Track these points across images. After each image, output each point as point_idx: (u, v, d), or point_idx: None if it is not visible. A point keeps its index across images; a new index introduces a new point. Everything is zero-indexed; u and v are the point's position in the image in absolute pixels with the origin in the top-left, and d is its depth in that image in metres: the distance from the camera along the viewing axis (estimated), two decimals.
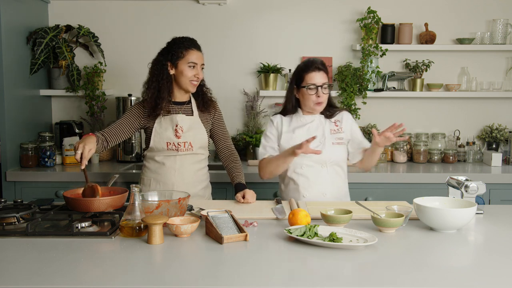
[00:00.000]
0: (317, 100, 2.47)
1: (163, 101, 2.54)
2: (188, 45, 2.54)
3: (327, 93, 2.50)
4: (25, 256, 1.65)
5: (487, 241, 1.92)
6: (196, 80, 2.55)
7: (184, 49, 2.52)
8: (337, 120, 2.58)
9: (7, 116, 3.27)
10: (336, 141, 2.53)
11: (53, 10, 3.83)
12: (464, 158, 3.77)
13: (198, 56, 2.54)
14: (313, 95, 2.47)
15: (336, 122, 2.57)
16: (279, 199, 2.42)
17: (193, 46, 2.55)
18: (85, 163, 2.20)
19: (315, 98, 2.47)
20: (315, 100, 2.48)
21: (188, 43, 2.54)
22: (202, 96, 2.65)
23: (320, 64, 2.51)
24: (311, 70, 2.48)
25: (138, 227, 1.85)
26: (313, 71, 2.48)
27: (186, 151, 2.57)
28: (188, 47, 2.53)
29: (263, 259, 1.65)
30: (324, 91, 2.48)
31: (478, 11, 3.83)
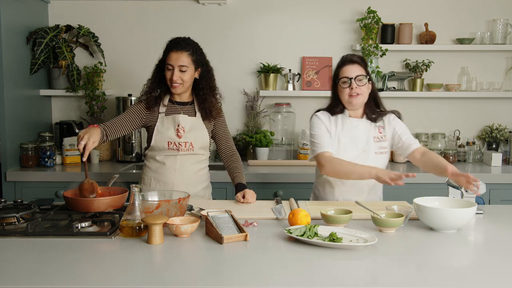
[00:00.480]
0: (350, 92, 2.36)
1: (162, 100, 2.54)
2: (169, 46, 2.52)
3: (363, 85, 2.38)
4: (25, 256, 1.65)
5: (487, 241, 1.92)
6: (174, 82, 2.49)
7: (166, 51, 2.52)
8: (381, 126, 2.48)
9: (7, 116, 3.27)
10: (379, 151, 2.44)
11: (53, 10, 3.83)
12: (464, 158, 3.77)
13: (176, 58, 2.47)
14: (346, 88, 2.38)
15: (380, 128, 2.47)
16: (279, 199, 2.42)
17: (173, 48, 2.49)
18: (87, 155, 2.19)
19: (348, 90, 2.37)
20: (348, 93, 2.37)
21: (170, 45, 2.52)
22: (203, 103, 2.60)
23: (355, 57, 2.43)
24: (344, 64, 2.41)
25: (138, 227, 1.85)
26: (346, 64, 2.41)
27: (186, 151, 2.57)
28: (168, 48, 2.51)
29: (263, 259, 1.65)
30: (358, 83, 2.36)
31: (478, 11, 3.83)
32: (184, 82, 2.50)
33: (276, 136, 3.82)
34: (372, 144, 2.44)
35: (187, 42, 2.53)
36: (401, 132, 2.48)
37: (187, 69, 2.49)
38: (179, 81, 2.49)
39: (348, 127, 2.44)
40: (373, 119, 2.47)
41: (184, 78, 2.50)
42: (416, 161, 2.45)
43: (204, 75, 2.59)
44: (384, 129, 2.48)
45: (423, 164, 2.42)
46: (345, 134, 2.43)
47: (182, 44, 2.50)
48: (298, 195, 3.17)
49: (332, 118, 2.47)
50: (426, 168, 2.40)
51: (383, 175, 2.22)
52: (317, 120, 2.47)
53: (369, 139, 2.44)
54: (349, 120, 2.45)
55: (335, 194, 2.50)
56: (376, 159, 2.43)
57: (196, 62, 2.53)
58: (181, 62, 2.48)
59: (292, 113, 3.84)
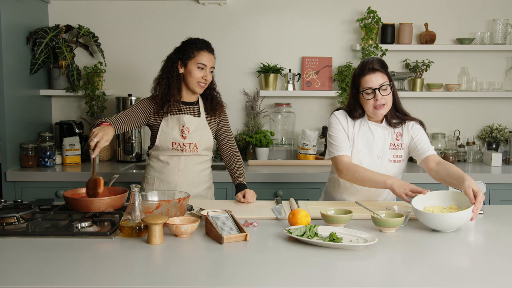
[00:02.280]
0: (375, 103, 2.28)
1: (172, 99, 2.52)
2: (200, 46, 2.53)
3: (388, 94, 2.29)
4: (25, 256, 1.65)
5: (487, 241, 1.92)
6: (204, 82, 2.54)
7: (195, 50, 2.52)
8: (399, 133, 2.39)
9: (7, 116, 3.27)
10: (393, 158, 2.37)
11: (53, 10, 3.83)
12: (464, 158, 3.77)
13: (209, 59, 2.53)
14: (370, 99, 2.28)
15: (398, 136, 2.38)
16: (279, 199, 2.42)
17: (205, 48, 2.54)
18: (97, 152, 2.19)
19: (373, 102, 2.28)
20: (373, 104, 2.28)
21: (201, 45, 2.54)
22: (211, 100, 2.64)
23: (376, 63, 2.30)
24: (365, 73, 2.29)
25: (138, 227, 1.85)
26: (367, 74, 2.29)
27: (191, 152, 2.57)
28: (200, 48, 2.52)
29: (263, 259, 1.65)
30: (383, 92, 2.27)
31: (478, 11, 3.82)
32: (208, 82, 2.57)
33: (276, 136, 3.82)
34: (388, 151, 2.37)
35: (212, 46, 2.60)
36: (418, 139, 2.37)
37: (213, 71, 2.58)
38: (206, 82, 2.55)
39: (365, 131, 2.38)
40: (393, 124, 2.38)
41: (209, 79, 2.57)
42: (429, 170, 2.31)
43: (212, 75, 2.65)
44: (402, 137, 2.39)
45: (437, 174, 2.27)
46: (361, 137, 2.38)
47: (211, 47, 2.58)
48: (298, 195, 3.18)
49: (350, 119, 2.40)
50: (440, 176, 2.25)
51: (398, 187, 2.17)
52: (335, 120, 2.41)
53: (384, 146, 2.37)
54: (367, 124, 2.38)
55: (344, 198, 2.49)
56: (389, 167, 2.37)
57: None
58: (213, 63, 2.57)
59: (292, 113, 3.84)
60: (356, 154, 2.37)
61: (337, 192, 2.52)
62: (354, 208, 2.14)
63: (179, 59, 2.54)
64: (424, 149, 2.34)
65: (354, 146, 2.38)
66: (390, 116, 2.39)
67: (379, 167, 2.35)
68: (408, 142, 2.40)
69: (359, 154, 2.37)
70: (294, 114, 3.84)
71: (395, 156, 2.38)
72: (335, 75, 3.80)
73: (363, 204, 2.15)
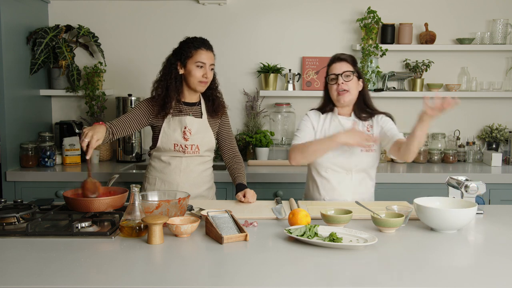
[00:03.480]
0: (337, 88, 2.40)
1: (171, 101, 2.52)
2: (198, 44, 2.52)
3: (350, 81, 2.40)
4: (25, 256, 1.65)
5: (487, 241, 1.92)
6: (205, 80, 2.52)
7: (193, 49, 2.50)
8: (369, 125, 2.48)
9: (7, 116, 3.27)
10: (363, 148, 2.43)
11: (53, 10, 3.83)
12: (464, 158, 3.77)
13: (207, 56, 2.52)
14: (333, 84, 2.42)
15: (368, 127, 2.48)
16: (279, 199, 2.42)
17: (203, 46, 2.52)
18: (91, 153, 2.19)
19: (335, 87, 2.41)
20: (336, 89, 2.40)
21: (198, 43, 2.52)
22: (213, 101, 2.63)
23: (343, 55, 2.47)
24: (333, 62, 2.46)
25: (138, 227, 1.85)
26: (334, 62, 2.45)
27: (192, 153, 2.56)
28: (197, 46, 2.51)
29: (263, 259, 1.65)
30: (345, 78, 2.39)
31: (478, 11, 3.82)
32: (209, 80, 2.55)
33: (276, 136, 3.82)
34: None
35: (210, 43, 2.58)
36: (387, 128, 2.45)
37: (213, 68, 2.56)
38: (207, 80, 2.53)
39: (335, 125, 2.48)
40: (362, 118, 2.49)
41: (210, 77, 2.55)
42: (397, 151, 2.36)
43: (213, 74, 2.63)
44: (372, 128, 2.49)
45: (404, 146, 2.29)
46: (332, 131, 2.46)
47: (208, 44, 2.56)
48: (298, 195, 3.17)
49: (322, 116, 2.52)
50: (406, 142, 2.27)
51: (346, 138, 2.23)
52: (305, 118, 2.55)
53: None
54: (337, 118, 2.49)
55: (321, 192, 2.51)
56: (361, 156, 2.45)
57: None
58: (212, 60, 2.54)
59: (292, 113, 3.84)
60: None
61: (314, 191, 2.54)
62: (354, 208, 2.14)
63: (178, 60, 2.53)
64: (394, 135, 2.42)
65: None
66: (359, 110, 2.49)
67: (350, 157, 2.43)
68: (378, 132, 2.47)
69: None
70: (294, 114, 3.84)
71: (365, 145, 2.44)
72: None
73: (363, 204, 2.15)
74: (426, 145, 3.71)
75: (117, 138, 2.50)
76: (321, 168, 2.49)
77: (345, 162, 2.44)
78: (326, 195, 2.50)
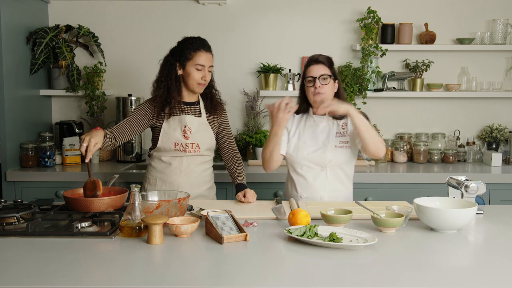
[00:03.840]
0: (315, 91, 2.45)
1: (173, 101, 2.52)
2: (197, 46, 2.51)
3: (326, 84, 2.45)
4: (25, 256, 1.65)
5: (487, 241, 1.92)
6: (204, 82, 2.53)
7: (192, 51, 2.50)
8: (344, 123, 2.52)
9: (7, 116, 3.27)
10: (340, 144, 2.48)
11: (53, 10, 3.83)
12: (464, 158, 3.77)
13: (206, 58, 2.51)
14: (311, 87, 2.46)
15: (343, 125, 2.52)
16: (279, 199, 2.42)
17: (202, 48, 2.51)
18: (90, 156, 2.19)
19: (312, 89, 2.46)
20: (313, 92, 2.46)
21: (197, 45, 2.51)
22: (211, 99, 2.64)
23: (321, 57, 2.50)
24: (310, 64, 2.50)
25: (138, 227, 1.85)
26: (311, 64, 2.49)
27: (193, 152, 2.56)
28: (196, 48, 2.50)
29: (263, 259, 1.65)
30: (322, 82, 2.44)
31: (478, 11, 3.83)
32: (207, 82, 2.55)
33: None
34: (334, 138, 2.49)
35: (208, 43, 2.57)
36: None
37: (212, 70, 2.56)
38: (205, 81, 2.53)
39: (310, 124, 2.54)
40: (337, 117, 2.52)
41: (208, 78, 2.55)
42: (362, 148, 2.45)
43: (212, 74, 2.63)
44: (347, 126, 2.53)
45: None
46: (307, 130, 2.53)
47: (207, 45, 2.55)
48: None
49: (297, 117, 2.58)
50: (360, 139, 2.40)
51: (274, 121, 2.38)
52: None
53: (330, 135, 2.50)
54: (312, 118, 2.55)
55: (298, 190, 2.54)
56: (335, 152, 2.48)
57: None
58: (211, 62, 2.54)
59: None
60: (302, 144, 2.51)
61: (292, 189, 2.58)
62: (354, 208, 2.14)
63: (177, 61, 2.52)
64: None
65: (300, 139, 2.52)
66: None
67: (324, 153, 2.48)
68: (352, 129, 2.49)
69: (305, 144, 2.51)
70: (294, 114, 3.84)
71: (341, 142, 2.50)
72: None
73: (363, 204, 2.15)
74: (426, 145, 3.71)
75: (120, 143, 2.51)
76: (297, 166, 2.53)
77: (319, 158, 2.47)
78: (303, 193, 2.52)
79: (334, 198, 2.51)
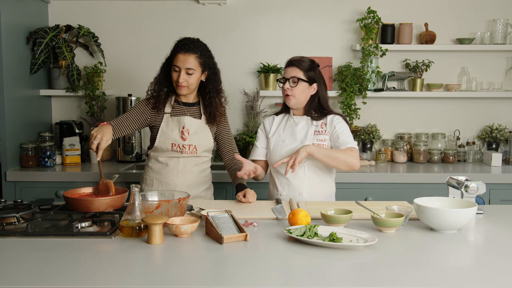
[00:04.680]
0: (285, 92, 2.51)
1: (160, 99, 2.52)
2: (176, 47, 2.48)
3: (295, 87, 2.49)
4: (25, 256, 1.65)
5: (487, 241, 1.92)
6: (179, 84, 2.47)
7: (174, 51, 2.49)
8: (323, 123, 2.57)
9: (7, 116, 3.27)
10: (317, 142, 2.51)
11: (53, 10, 3.83)
12: (464, 158, 3.77)
13: (183, 59, 2.44)
14: (282, 88, 2.53)
15: (322, 125, 2.56)
16: (279, 199, 2.42)
17: (181, 49, 2.46)
18: (101, 154, 2.20)
19: (283, 91, 2.53)
20: (284, 93, 2.53)
21: (178, 46, 2.48)
22: (210, 108, 2.59)
23: (295, 60, 2.54)
24: (286, 65, 2.56)
25: (138, 227, 1.85)
26: (286, 66, 2.55)
27: (190, 154, 2.56)
28: (175, 49, 2.48)
29: (263, 259, 1.65)
30: (291, 84, 2.49)
31: (478, 11, 3.83)
32: (189, 84, 2.49)
33: None
34: (312, 137, 2.53)
35: (195, 44, 2.49)
36: (340, 132, 2.52)
37: (193, 72, 2.47)
38: (185, 83, 2.47)
39: (289, 124, 2.60)
40: (315, 118, 2.57)
41: (190, 81, 2.47)
42: None
43: (211, 78, 2.57)
44: (326, 126, 2.57)
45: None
46: (286, 129, 2.59)
47: (190, 46, 2.46)
48: None
49: (277, 118, 2.66)
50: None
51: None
52: (260, 126, 2.71)
53: (308, 133, 2.54)
54: (292, 118, 2.60)
55: (278, 188, 2.57)
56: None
57: (203, 65, 2.50)
58: (188, 64, 2.45)
59: None
60: (281, 143, 2.56)
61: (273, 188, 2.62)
62: (354, 208, 2.14)
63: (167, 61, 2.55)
64: (345, 142, 2.49)
65: (280, 138, 2.58)
66: (309, 110, 2.57)
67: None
68: (330, 132, 2.55)
69: (284, 143, 2.56)
70: None
71: (319, 140, 2.53)
72: (335, 75, 3.80)
73: (363, 204, 2.15)
74: (426, 145, 3.71)
75: (117, 137, 2.50)
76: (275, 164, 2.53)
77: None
78: (283, 190, 2.55)
79: (313, 194, 2.53)
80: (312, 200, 2.50)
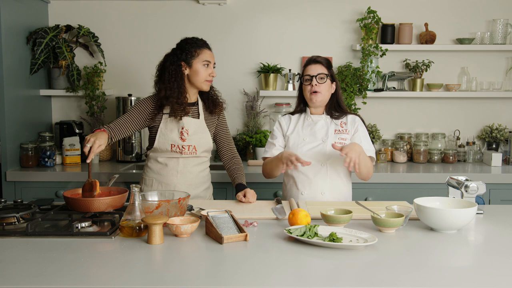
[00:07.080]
0: (311, 89, 2.51)
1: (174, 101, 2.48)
2: (201, 44, 2.55)
3: (323, 83, 2.51)
4: (25, 256, 1.65)
5: (487, 241, 1.92)
6: (211, 78, 2.55)
7: (197, 48, 2.52)
8: (343, 122, 2.57)
9: (7, 116, 3.27)
10: (338, 141, 2.51)
11: (53, 10, 3.83)
12: (464, 158, 3.77)
13: (211, 55, 2.56)
14: (308, 85, 2.52)
15: (342, 124, 2.57)
16: (279, 199, 2.42)
17: (206, 46, 2.56)
18: (92, 157, 2.21)
19: (309, 87, 2.52)
20: (310, 90, 2.52)
21: (201, 42, 2.55)
22: (212, 98, 2.64)
23: (319, 57, 2.56)
24: (309, 63, 2.56)
25: (138, 227, 1.85)
26: (310, 64, 2.55)
27: (189, 154, 2.56)
28: (201, 46, 2.54)
29: (263, 259, 1.65)
30: (319, 80, 2.50)
31: (478, 11, 3.83)
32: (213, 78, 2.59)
33: None
34: (332, 135, 2.53)
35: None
36: (363, 136, 2.54)
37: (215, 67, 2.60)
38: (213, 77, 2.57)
39: (308, 123, 2.59)
40: (334, 116, 2.58)
41: (215, 74, 2.58)
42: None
43: None
44: (346, 125, 2.57)
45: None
46: (305, 128, 2.58)
47: (209, 44, 2.59)
48: None
49: (293, 117, 2.64)
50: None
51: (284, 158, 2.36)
52: (276, 125, 2.67)
53: (328, 131, 2.54)
54: (310, 117, 2.60)
55: (299, 187, 2.54)
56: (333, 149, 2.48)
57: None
58: (214, 59, 2.58)
59: None
60: (301, 142, 2.55)
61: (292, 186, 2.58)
62: (354, 208, 2.14)
63: (182, 60, 2.51)
64: (367, 150, 2.49)
65: (299, 136, 2.57)
66: (331, 110, 2.59)
67: (324, 149, 2.52)
68: (353, 132, 2.56)
69: (305, 141, 2.55)
70: None
71: (340, 139, 2.53)
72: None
73: (363, 204, 2.15)
74: (426, 145, 3.71)
75: (116, 140, 2.51)
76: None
77: (319, 154, 2.51)
78: (304, 189, 2.53)
79: (335, 194, 2.52)
80: (333, 200, 2.50)
